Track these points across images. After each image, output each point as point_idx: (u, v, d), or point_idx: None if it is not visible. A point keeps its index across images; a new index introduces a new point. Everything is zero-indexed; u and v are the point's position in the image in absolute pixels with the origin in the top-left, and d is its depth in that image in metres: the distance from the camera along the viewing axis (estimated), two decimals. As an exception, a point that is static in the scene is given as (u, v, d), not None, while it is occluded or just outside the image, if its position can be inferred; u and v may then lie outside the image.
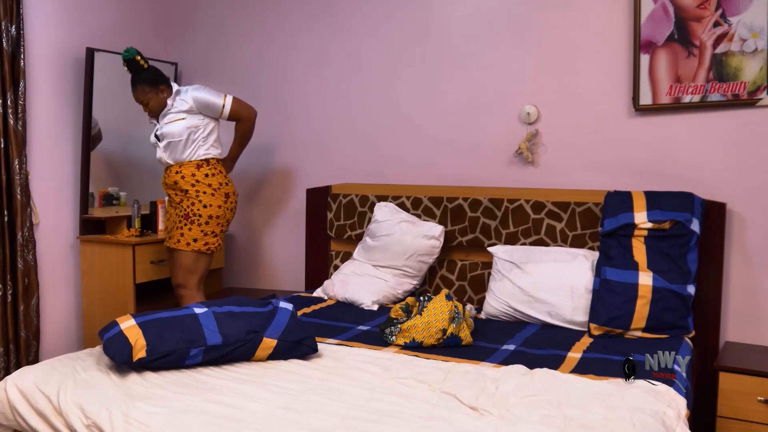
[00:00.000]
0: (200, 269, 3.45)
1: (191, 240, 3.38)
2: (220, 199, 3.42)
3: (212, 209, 3.39)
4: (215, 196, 3.40)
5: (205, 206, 3.38)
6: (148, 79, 3.38)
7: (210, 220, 3.39)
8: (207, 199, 3.39)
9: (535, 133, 3.40)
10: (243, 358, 2.36)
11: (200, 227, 3.38)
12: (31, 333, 3.49)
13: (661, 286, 2.76)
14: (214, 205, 3.40)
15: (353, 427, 1.79)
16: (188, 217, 3.38)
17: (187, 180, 3.39)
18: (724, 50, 2.96)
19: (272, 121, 4.16)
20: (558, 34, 3.34)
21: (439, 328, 2.58)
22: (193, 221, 3.38)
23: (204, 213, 3.38)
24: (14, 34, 3.33)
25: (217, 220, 3.42)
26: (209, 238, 3.41)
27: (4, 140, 3.32)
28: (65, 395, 2.04)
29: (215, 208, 3.40)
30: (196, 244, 3.38)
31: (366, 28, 3.84)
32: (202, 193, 3.38)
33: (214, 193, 3.40)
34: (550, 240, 3.25)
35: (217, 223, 3.43)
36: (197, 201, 3.38)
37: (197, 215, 3.38)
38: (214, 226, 3.41)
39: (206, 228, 3.39)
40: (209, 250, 3.43)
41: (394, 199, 3.64)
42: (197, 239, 3.38)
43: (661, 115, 3.16)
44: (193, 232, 3.38)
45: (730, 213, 3.02)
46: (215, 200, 3.40)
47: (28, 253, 3.45)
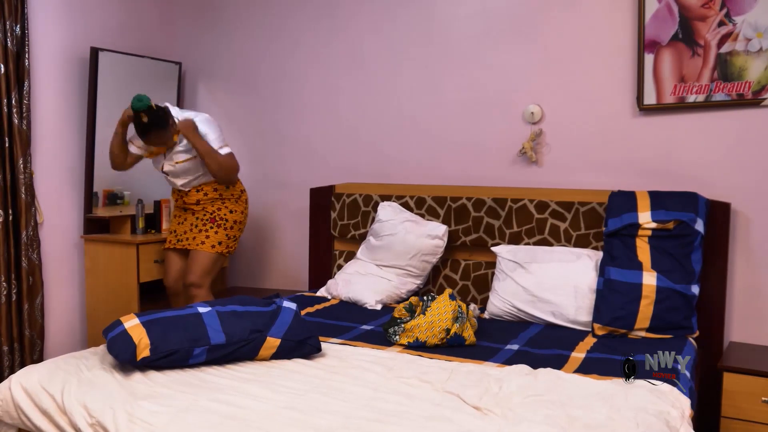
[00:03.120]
0: (215, 271, 3.56)
1: (216, 243, 3.48)
2: (242, 205, 3.58)
3: (236, 215, 3.54)
4: (239, 203, 3.55)
5: (232, 212, 3.52)
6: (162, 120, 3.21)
7: (234, 225, 3.53)
8: (232, 205, 3.52)
9: (539, 132, 3.39)
10: (246, 358, 2.36)
11: (225, 231, 3.50)
12: (36, 332, 3.50)
13: (665, 286, 2.76)
14: (237, 211, 3.54)
15: (357, 426, 1.79)
16: (214, 220, 3.49)
17: (210, 196, 3.49)
18: (729, 50, 2.95)
19: (276, 120, 4.17)
20: (562, 33, 3.33)
21: (443, 328, 2.58)
22: (219, 225, 3.49)
23: (230, 218, 3.51)
24: (19, 33, 3.34)
25: (239, 225, 3.57)
26: (231, 241, 3.54)
27: (8, 139, 3.33)
28: (69, 394, 2.04)
29: (238, 214, 3.55)
30: (221, 247, 3.49)
31: (369, 28, 3.84)
32: (227, 199, 3.51)
33: (238, 200, 3.55)
34: (553, 240, 3.25)
35: (239, 228, 3.57)
36: (223, 207, 3.51)
37: (224, 219, 3.50)
38: (237, 231, 3.56)
39: (230, 232, 3.52)
40: (229, 252, 3.57)
41: (397, 199, 3.64)
42: (222, 242, 3.49)
43: (665, 115, 3.15)
44: (219, 236, 3.48)
45: (735, 213, 3.01)
46: (238, 206, 3.55)
47: (32, 252, 3.46)
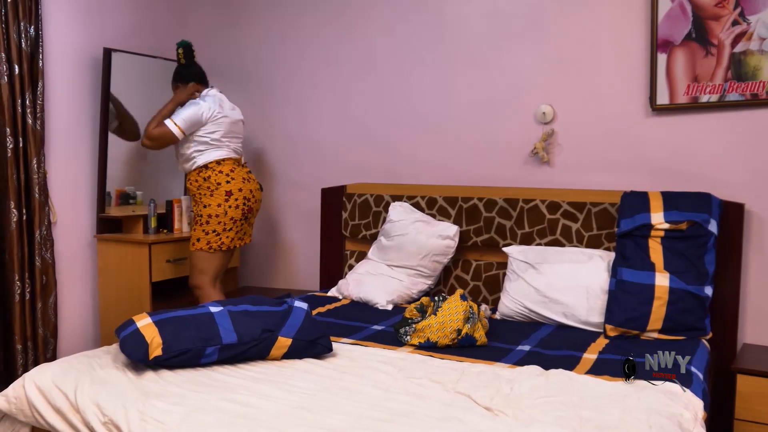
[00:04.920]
0: (210, 269, 3.50)
1: (195, 240, 3.48)
2: (218, 198, 3.44)
3: (211, 209, 3.44)
4: (213, 196, 3.44)
5: (205, 206, 3.46)
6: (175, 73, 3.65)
7: (210, 219, 3.44)
8: (206, 199, 3.46)
9: (551, 132, 3.38)
10: (258, 357, 2.37)
11: (202, 227, 3.46)
12: (49, 331, 3.52)
13: (678, 288, 2.74)
14: (212, 205, 3.44)
15: (367, 426, 1.79)
16: (195, 218, 3.52)
17: (192, 188, 3.53)
18: (743, 49, 2.93)
19: (288, 120, 4.18)
20: (574, 33, 3.32)
21: (454, 329, 2.58)
22: (196, 221, 3.50)
23: (204, 213, 3.46)
24: (33, 34, 3.37)
25: (217, 219, 3.44)
26: (212, 236, 3.45)
27: (22, 140, 3.35)
28: (82, 393, 2.06)
29: (213, 207, 3.44)
30: (200, 244, 3.46)
31: (381, 27, 3.84)
32: (203, 195, 3.47)
33: (213, 193, 3.44)
34: (565, 240, 3.23)
35: (218, 222, 3.44)
36: (199, 202, 3.49)
37: (199, 215, 3.49)
38: (215, 225, 3.44)
39: (207, 227, 3.45)
40: (212, 249, 3.46)
41: (408, 199, 3.64)
42: (200, 239, 3.46)
43: (678, 115, 3.13)
44: (197, 233, 3.48)
45: (749, 214, 2.99)
46: (213, 200, 3.44)
47: (46, 251, 3.48)
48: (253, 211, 3.58)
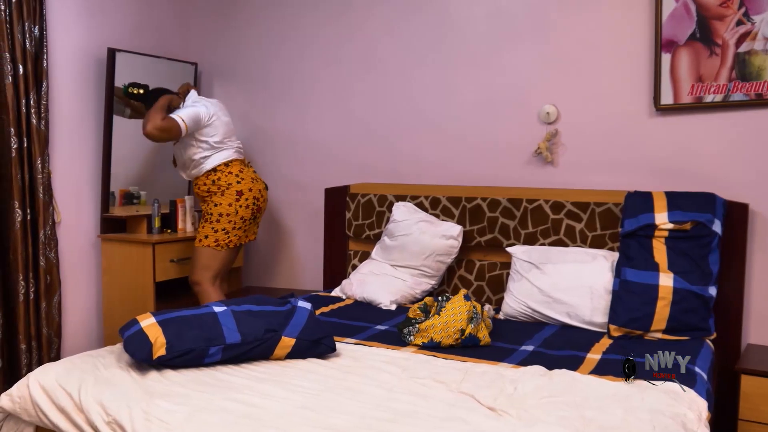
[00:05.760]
0: (213, 266, 3.53)
1: (203, 236, 3.52)
2: (230, 198, 3.50)
3: (222, 207, 3.50)
4: (225, 196, 3.50)
5: (216, 205, 3.51)
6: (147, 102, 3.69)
7: (221, 218, 3.49)
8: (218, 198, 3.51)
9: (555, 132, 3.38)
10: (261, 357, 2.37)
11: (211, 225, 3.50)
12: (53, 330, 3.53)
13: (682, 288, 2.73)
14: (223, 204, 3.50)
15: (371, 426, 1.79)
16: (203, 215, 3.56)
17: (202, 190, 3.57)
18: (747, 49, 2.93)
19: (291, 121, 4.18)
20: (578, 32, 3.32)
21: (458, 329, 2.58)
22: (206, 219, 3.54)
23: (215, 211, 3.51)
24: (37, 34, 3.37)
25: (228, 218, 3.50)
26: (220, 234, 3.50)
27: (27, 139, 3.36)
28: (86, 392, 2.06)
29: (225, 206, 3.50)
30: (207, 240, 3.51)
31: (383, 27, 3.83)
32: (213, 193, 3.52)
33: (224, 193, 3.50)
34: (569, 240, 3.23)
35: (229, 221, 3.51)
36: (210, 201, 3.53)
37: (209, 213, 3.52)
38: (225, 224, 3.50)
39: (216, 225, 3.50)
40: (220, 246, 3.50)
41: (412, 199, 3.64)
42: (208, 236, 3.51)
43: (682, 115, 3.12)
44: (206, 230, 3.52)
45: (753, 214, 2.98)
46: (225, 199, 3.50)
47: (50, 251, 3.49)
48: (261, 210, 3.66)
